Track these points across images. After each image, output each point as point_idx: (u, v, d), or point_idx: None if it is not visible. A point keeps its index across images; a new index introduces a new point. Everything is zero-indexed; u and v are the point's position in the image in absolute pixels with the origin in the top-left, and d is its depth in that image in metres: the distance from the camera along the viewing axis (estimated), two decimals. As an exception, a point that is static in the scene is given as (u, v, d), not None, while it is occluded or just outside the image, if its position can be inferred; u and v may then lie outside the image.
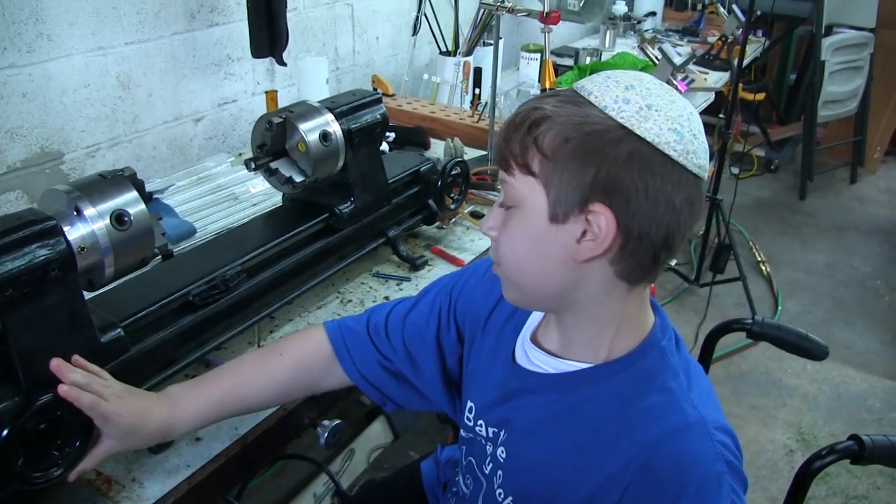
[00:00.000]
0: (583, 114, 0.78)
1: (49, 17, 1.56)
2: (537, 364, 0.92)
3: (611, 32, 3.39)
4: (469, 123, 2.15)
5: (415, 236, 1.63)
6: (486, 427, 0.97)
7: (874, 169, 4.88)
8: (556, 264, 0.82)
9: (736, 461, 0.82)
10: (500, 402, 0.95)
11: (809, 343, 1.42)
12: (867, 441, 1.17)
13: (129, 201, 0.99)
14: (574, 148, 0.77)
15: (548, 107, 0.79)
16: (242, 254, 1.21)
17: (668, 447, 0.80)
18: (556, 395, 0.89)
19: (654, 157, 0.76)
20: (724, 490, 0.79)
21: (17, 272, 0.86)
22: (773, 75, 5.16)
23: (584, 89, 0.80)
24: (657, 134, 0.76)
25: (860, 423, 2.69)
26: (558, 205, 0.79)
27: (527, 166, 0.80)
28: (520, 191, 0.81)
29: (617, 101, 0.77)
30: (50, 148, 1.65)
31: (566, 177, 0.77)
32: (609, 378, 0.86)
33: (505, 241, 0.85)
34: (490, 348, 1.01)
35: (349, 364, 1.07)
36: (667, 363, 0.86)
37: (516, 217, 0.83)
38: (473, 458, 1.01)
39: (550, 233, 0.80)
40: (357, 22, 2.40)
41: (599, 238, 0.78)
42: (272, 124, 1.27)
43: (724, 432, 0.82)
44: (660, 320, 0.90)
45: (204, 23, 1.90)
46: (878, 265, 3.78)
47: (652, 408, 0.83)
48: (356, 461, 2.12)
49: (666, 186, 0.77)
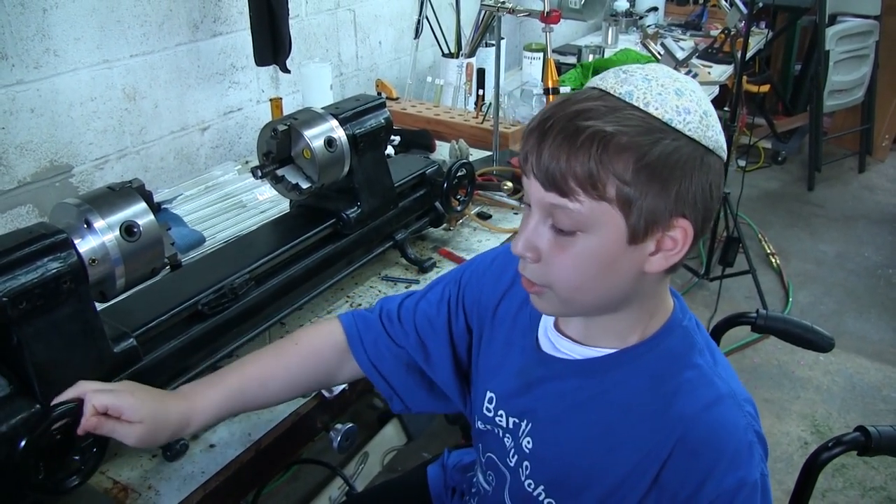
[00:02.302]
0: (648, 128, 0.75)
1: (55, 33, 1.58)
2: (564, 351, 0.92)
3: (613, 29, 3.39)
4: (474, 125, 2.16)
5: (422, 239, 1.64)
6: (507, 417, 0.97)
7: (883, 157, 4.85)
8: (626, 278, 0.82)
9: (761, 430, 0.85)
10: (522, 392, 0.95)
11: (815, 335, 1.42)
12: (873, 432, 1.17)
13: (137, 212, 1.00)
14: (654, 170, 0.75)
15: (608, 126, 0.75)
16: (250, 261, 1.22)
17: (703, 419, 0.83)
18: (583, 380, 0.90)
19: (715, 161, 0.79)
20: (756, 458, 0.82)
21: (30, 285, 0.87)
22: (777, 66, 5.14)
23: (633, 97, 0.77)
24: (716, 140, 0.79)
25: (876, 414, 2.67)
26: (639, 226, 0.77)
27: (598, 192, 0.76)
28: (589, 216, 0.77)
29: (679, 112, 0.76)
30: (59, 161, 1.67)
31: (649, 199, 0.76)
32: (637, 360, 0.87)
33: (564, 266, 0.81)
34: (503, 338, 1.00)
35: (361, 352, 1.06)
36: (692, 341, 0.88)
37: (582, 242, 0.79)
38: (493, 454, 1.01)
39: (627, 252, 0.79)
40: (359, 27, 2.42)
41: (677, 249, 0.80)
42: (277, 132, 1.28)
43: (749, 404, 0.86)
44: (678, 303, 0.92)
45: (207, 33, 1.92)
46: (889, 254, 3.76)
47: (685, 383, 0.85)
48: (370, 464, 2.13)
49: (719, 181, 0.80)
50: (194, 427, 0.96)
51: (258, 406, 1.06)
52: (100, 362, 0.97)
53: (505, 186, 1.77)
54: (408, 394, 1.09)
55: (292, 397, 1.10)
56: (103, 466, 1.02)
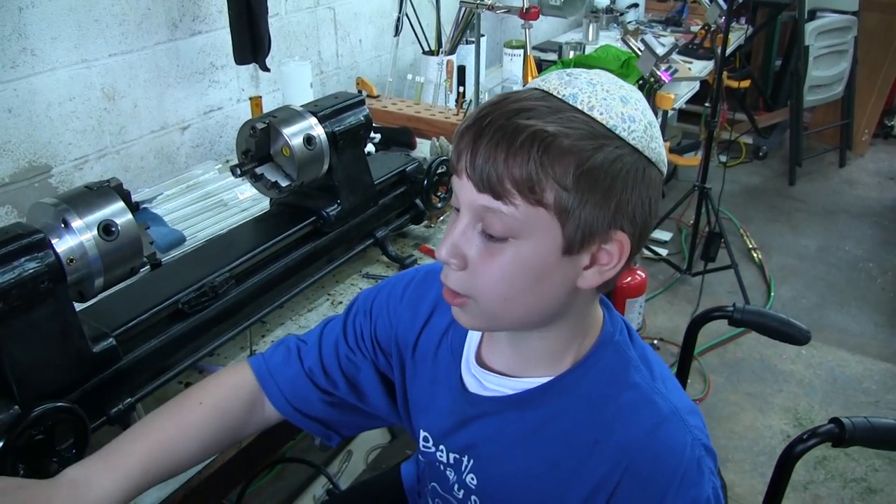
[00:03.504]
0: (592, 133, 0.71)
1: (32, 32, 1.57)
2: (492, 388, 0.87)
3: (594, 26, 3.41)
4: (454, 122, 2.16)
5: (403, 236, 1.64)
6: (448, 453, 0.92)
7: (862, 152, 4.90)
8: (557, 293, 0.77)
9: (708, 440, 0.82)
10: (458, 428, 0.90)
11: (791, 328, 1.43)
12: (847, 424, 1.18)
13: (115, 212, 1.00)
14: (596, 178, 0.70)
15: (550, 127, 0.70)
16: (230, 260, 1.22)
17: (649, 446, 0.79)
18: (520, 413, 0.85)
19: (656, 175, 0.76)
20: (706, 475, 0.79)
21: (7, 286, 0.87)
22: (758, 62, 5.17)
23: (577, 100, 0.73)
24: (658, 152, 0.76)
25: (856, 406, 2.70)
26: (575, 237, 0.73)
27: (536, 196, 0.70)
28: (523, 222, 0.72)
29: (624, 119, 0.72)
30: (38, 162, 1.66)
31: (588, 208, 0.71)
32: (573, 387, 0.83)
33: (491, 275, 0.75)
34: (428, 376, 0.95)
35: (279, 398, 0.97)
36: (626, 357, 0.84)
37: (512, 249, 0.73)
38: (437, 484, 0.97)
39: (560, 264, 0.74)
40: (339, 25, 2.41)
41: (612, 263, 0.75)
42: (256, 130, 1.28)
43: (693, 415, 0.82)
44: (607, 313, 0.86)
45: (186, 32, 1.91)
46: (869, 248, 3.79)
47: (624, 407, 0.81)
48: (354, 462, 2.13)
49: (657, 197, 0.76)
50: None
51: (169, 478, 0.92)
52: (79, 362, 0.97)
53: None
54: (343, 426, 1.03)
55: (203, 460, 1.00)
56: (83, 467, 1.01)
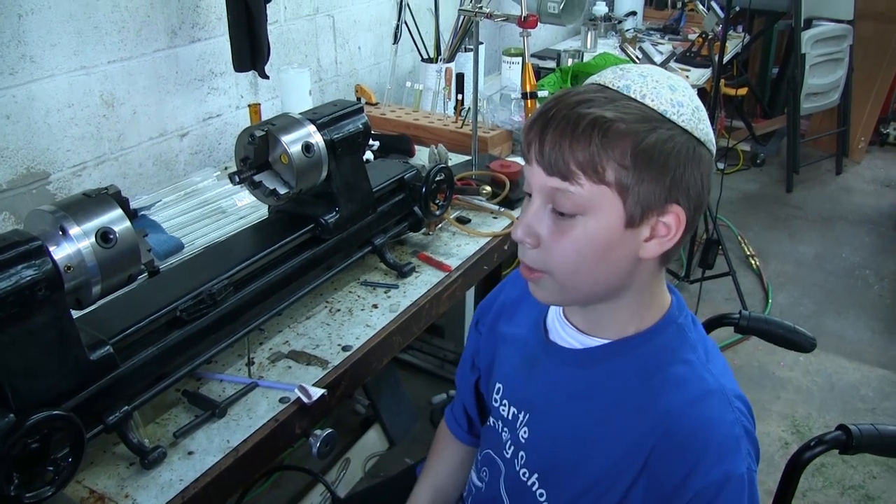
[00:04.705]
0: (645, 117, 0.80)
1: (31, 39, 1.57)
2: (567, 340, 0.96)
3: (592, 33, 3.41)
4: (453, 129, 2.17)
5: (401, 243, 1.64)
6: (510, 407, 1.01)
7: (859, 159, 4.92)
8: (622, 264, 0.85)
9: (751, 428, 0.87)
10: (526, 380, 1.00)
11: (797, 335, 1.43)
12: (854, 431, 1.18)
13: (113, 219, 1.00)
14: (650, 156, 0.79)
15: (608, 113, 0.79)
16: (228, 267, 1.21)
17: (690, 413, 0.85)
18: (578, 370, 0.94)
19: (705, 153, 0.84)
20: (742, 453, 0.84)
21: (4, 293, 0.86)
22: (755, 70, 5.20)
23: (630, 90, 0.82)
24: (706, 133, 0.84)
25: (854, 413, 2.70)
26: (636, 211, 0.81)
27: (599, 175, 0.80)
28: (589, 199, 0.81)
29: (673, 104, 0.81)
30: (36, 168, 1.65)
31: (645, 184, 0.80)
32: (630, 352, 0.90)
33: (563, 249, 0.84)
34: (513, 331, 1.07)
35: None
36: (685, 337, 0.91)
37: (581, 224, 0.83)
38: (491, 449, 1.06)
39: (623, 237, 0.83)
40: (338, 32, 2.42)
41: (670, 235, 0.83)
42: (254, 137, 1.28)
43: (740, 401, 0.88)
44: (676, 300, 0.95)
45: (186, 39, 1.91)
46: (866, 255, 3.80)
47: (673, 377, 0.88)
48: (352, 470, 2.13)
49: (709, 172, 0.85)
50: None
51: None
52: (76, 370, 0.97)
53: (484, 191, 1.78)
54: None
55: None
56: (79, 475, 1.01)
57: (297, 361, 1.26)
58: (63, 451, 0.92)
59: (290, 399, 1.16)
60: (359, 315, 1.39)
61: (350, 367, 1.26)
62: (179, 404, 1.17)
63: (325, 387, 1.19)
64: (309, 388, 1.17)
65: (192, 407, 1.16)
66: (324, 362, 1.25)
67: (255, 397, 1.18)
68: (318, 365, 1.25)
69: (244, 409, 1.16)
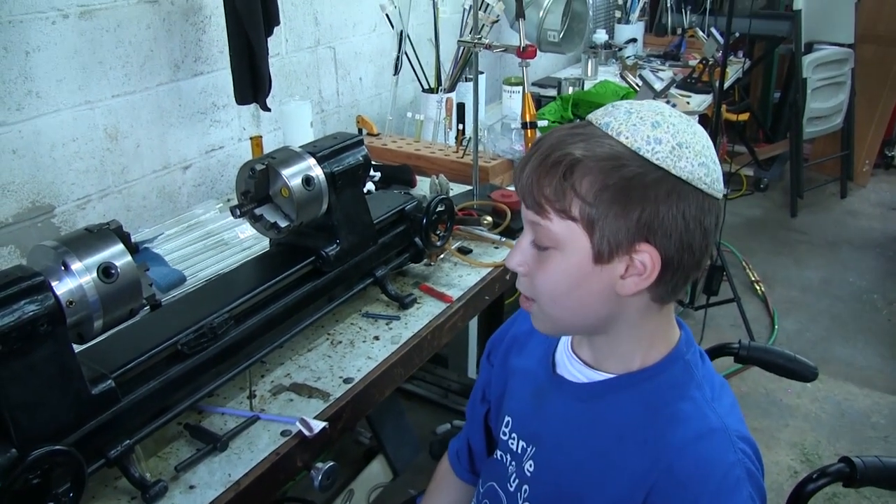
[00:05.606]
0: (615, 155, 0.80)
1: (37, 75, 1.59)
2: (574, 374, 0.97)
3: (592, 61, 3.44)
4: (454, 159, 2.18)
5: (403, 274, 1.64)
6: (518, 441, 1.02)
7: (864, 183, 4.91)
8: (598, 298, 0.86)
9: (756, 472, 0.85)
10: (534, 414, 1.01)
11: (798, 365, 1.43)
12: (858, 463, 1.17)
13: (115, 254, 1.01)
14: (615, 193, 0.79)
15: (577, 151, 0.80)
16: (229, 301, 1.22)
17: (691, 450, 0.85)
18: (583, 404, 0.94)
19: (689, 192, 0.81)
20: (742, 496, 0.82)
21: (7, 328, 0.87)
22: (757, 94, 5.22)
23: (609, 127, 0.82)
24: (690, 171, 0.80)
25: (865, 442, 2.66)
26: (602, 247, 0.82)
27: (565, 211, 0.82)
28: (557, 234, 0.83)
29: (649, 142, 0.80)
30: (41, 202, 1.67)
31: (610, 220, 0.80)
32: (634, 387, 0.91)
33: (542, 280, 0.87)
34: (522, 365, 1.08)
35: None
36: (691, 374, 0.91)
37: (555, 257, 0.85)
38: (495, 482, 1.06)
39: (594, 272, 0.84)
40: (340, 64, 2.44)
41: (645, 274, 0.82)
42: (255, 171, 1.29)
43: (745, 442, 0.87)
44: (685, 335, 0.94)
45: (188, 72, 1.93)
46: (873, 279, 3.78)
47: (676, 414, 0.87)
48: (356, 501, 2.11)
49: (699, 215, 0.82)
50: None
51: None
52: (77, 404, 0.97)
53: (485, 221, 1.79)
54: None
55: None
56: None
57: (299, 394, 1.26)
58: (64, 486, 0.92)
59: (292, 432, 1.16)
60: (360, 347, 1.39)
61: (351, 399, 1.26)
62: (181, 438, 1.17)
63: (326, 419, 1.19)
64: (310, 420, 1.17)
65: (193, 440, 1.16)
66: (325, 395, 1.26)
67: (257, 430, 1.18)
68: (319, 397, 1.25)
69: (246, 442, 1.16)
